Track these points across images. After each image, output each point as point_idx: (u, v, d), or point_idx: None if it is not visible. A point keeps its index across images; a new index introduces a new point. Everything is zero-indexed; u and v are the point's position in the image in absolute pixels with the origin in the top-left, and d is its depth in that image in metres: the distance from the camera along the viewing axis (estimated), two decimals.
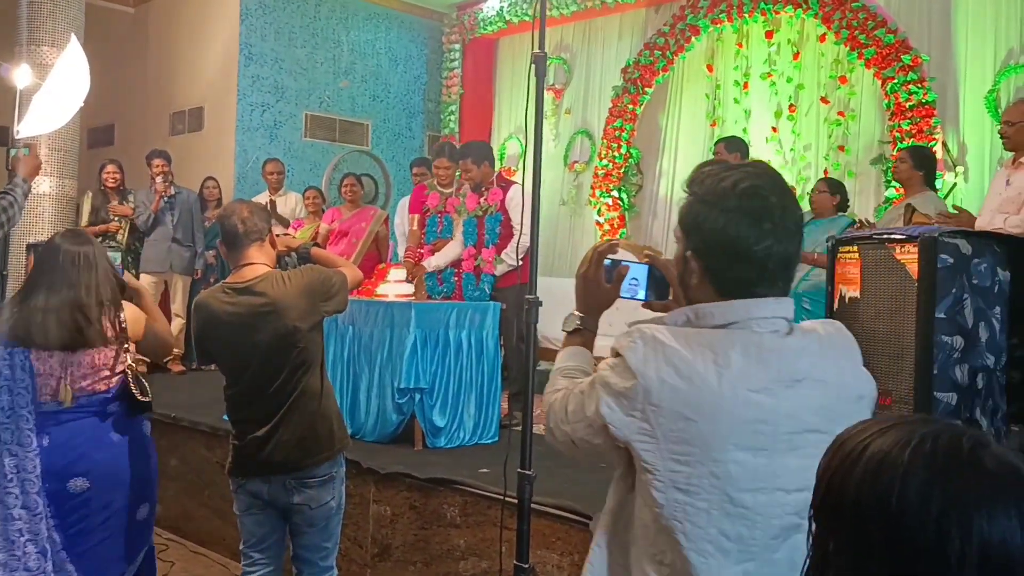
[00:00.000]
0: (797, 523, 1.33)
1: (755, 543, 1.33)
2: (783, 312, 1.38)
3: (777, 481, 1.33)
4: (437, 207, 5.73)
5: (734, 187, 1.38)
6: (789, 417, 1.33)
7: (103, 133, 10.22)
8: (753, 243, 1.35)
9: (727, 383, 1.31)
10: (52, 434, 2.63)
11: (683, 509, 1.32)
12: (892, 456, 0.89)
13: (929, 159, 5.01)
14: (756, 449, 1.31)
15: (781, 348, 1.35)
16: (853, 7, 6.46)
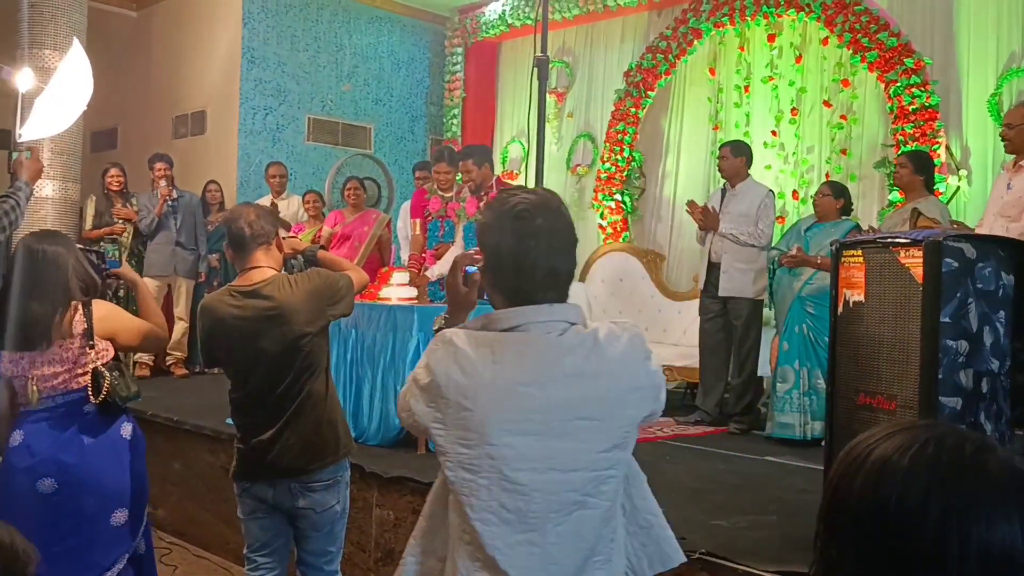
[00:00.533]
0: (578, 500, 1.56)
1: (534, 516, 1.54)
2: (559, 316, 1.59)
3: (550, 462, 1.54)
4: (438, 211, 5.73)
5: (510, 210, 1.61)
6: (558, 406, 1.54)
7: (106, 137, 10.23)
8: (523, 257, 1.58)
9: (500, 377, 1.53)
10: (25, 432, 2.63)
11: (468, 486, 1.55)
12: (894, 461, 0.89)
13: (928, 163, 5.02)
14: (527, 434, 1.53)
15: (552, 347, 1.56)
16: (856, 10, 6.46)
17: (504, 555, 1.53)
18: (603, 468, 1.59)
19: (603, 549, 1.62)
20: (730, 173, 5.62)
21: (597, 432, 1.57)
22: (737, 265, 5.46)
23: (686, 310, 6.77)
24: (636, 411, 1.63)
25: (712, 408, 5.61)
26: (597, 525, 1.59)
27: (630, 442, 1.65)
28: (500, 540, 1.53)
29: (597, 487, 1.58)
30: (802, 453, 4.76)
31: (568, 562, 1.57)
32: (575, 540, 1.56)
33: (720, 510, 3.60)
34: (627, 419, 1.62)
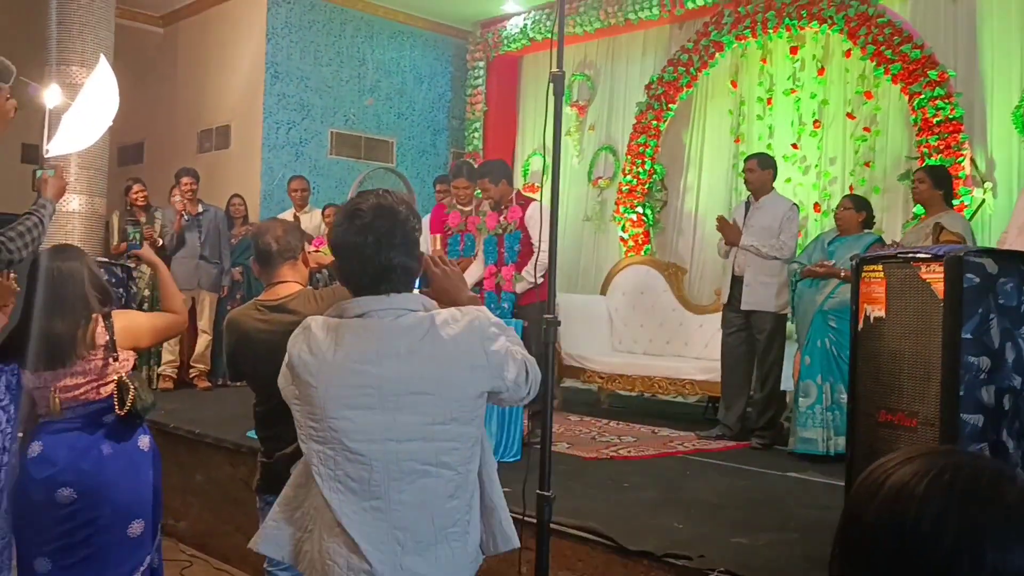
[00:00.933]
0: (419, 469, 1.70)
1: (377, 484, 1.69)
2: (398, 304, 1.76)
3: (387, 433, 1.69)
4: (458, 226, 5.74)
5: (349, 210, 1.81)
6: (392, 381, 1.69)
7: (133, 151, 10.37)
8: (357, 251, 1.76)
9: (340, 357, 1.71)
10: (45, 443, 2.65)
11: (318, 456, 1.73)
12: (911, 486, 0.90)
13: (947, 178, 4.97)
14: (364, 408, 1.69)
15: (388, 330, 1.73)
16: (879, 23, 6.42)
17: (351, 521, 1.69)
18: (442, 440, 1.73)
19: (458, 521, 1.76)
20: (757, 186, 5.59)
21: (431, 405, 1.72)
22: (760, 279, 5.42)
23: (708, 323, 6.73)
24: (473, 387, 1.76)
25: (734, 423, 5.57)
26: (443, 495, 1.73)
27: (472, 418, 1.77)
28: (347, 507, 1.70)
29: (438, 457, 1.72)
30: (825, 469, 4.70)
31: (417, 529, 1.70)
32: (420, 508, 1.70)
33: (741, 527, 3.57)
34: (463, 394, 1.75)
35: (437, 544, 1.73)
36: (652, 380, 6.53)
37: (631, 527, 3.42)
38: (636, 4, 8.04)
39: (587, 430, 5.90)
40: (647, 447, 5.32)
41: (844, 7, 6.63)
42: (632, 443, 5.44)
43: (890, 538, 0.89)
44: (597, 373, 6.84)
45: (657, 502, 3.97)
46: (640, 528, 3.44)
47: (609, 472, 4.55)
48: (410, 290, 1.81)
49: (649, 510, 3.81)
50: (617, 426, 6.10)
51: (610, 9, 8.24)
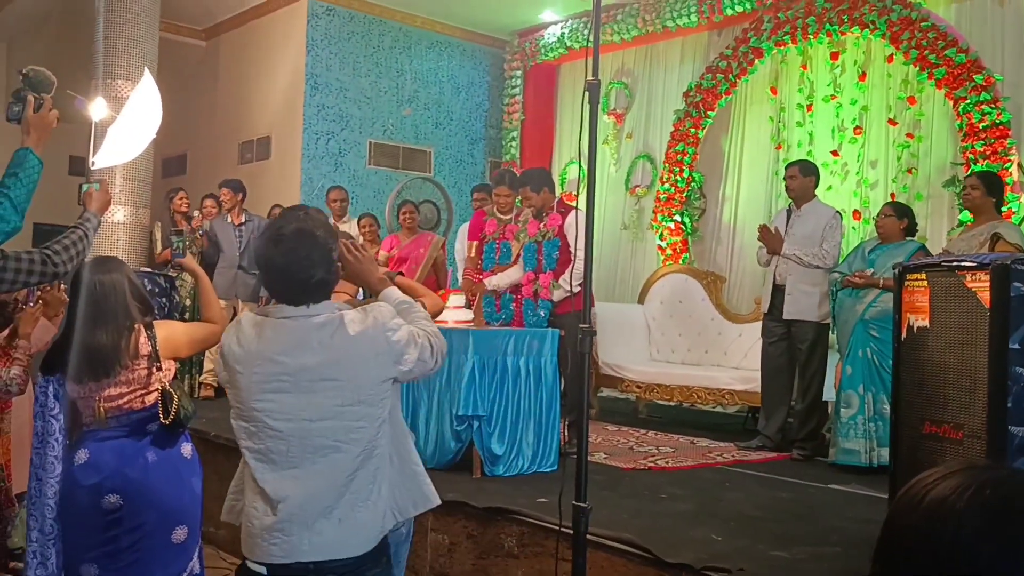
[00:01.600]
0: (330, 444, 1.98)
1: (294, 456, 1.99)
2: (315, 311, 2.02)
3: (301, 414, 1.98)
4: (495, 234, 5.74)
5: (268, 227, 2.09)
6: (305, 370, 1.98)
7: (176, 162, 10.55)
8: (280, 271, 2.02)
9: (262, 348, 2.01)
10: (91, 450, 2.70)
11: (245, 432, 2.03)
12: (950, 501, 0.91)
13: (1000, 184, 4.84)
14: (281, 392, 1.98)
15: (303, 327, 2.00)
16: (922, 27, 6.31)
17: (272, 487, 1.99)
18: (350, 420, 1.99)
19: (362, 488, 2.01)
20: (799, 193, 5.52)
21: (339, 390, 1.99)
22: (802, 288, 5.35)
23: (747, 333, 6.66)
24: (376, 373, 2.03)
25: (774, 433, 5.49)
26: (350, 467, 1.99)
27: (378, 400, 2.03)
28: (268, 475, 2.00)
29: (347, 435, 1.99)
30: (868, 481, 4.62)
31: (324, 494, 1.98)
32: (330, 478, 1.98)
33: (781, 540, 3.51)
34: (368, 379, 2.01)
35: (343, 509, 1.99)
36: (691, 390, 6.47)
37: (669, 539, 3.39)
38: (674, 11, 8.00)
39: (625, 440, 5.85)
40: (685, 458, 5.27)
41: (886, 11, 6.53)
42: (670, 453, 5.39)
43: (928, 552, 0.89)
44: (635, 382, 6.79)
45: (695, 514, 3.92)
46: (678, 540, 3.40)
47: (647, 483, 4.51)
48: (327, 299, 2.07)
49: (687, 522, 3.76)
50: (655, 436, 6.05)
51: (648, 17, 8.22)
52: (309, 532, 1.97)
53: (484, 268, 5.73)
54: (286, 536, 1.97)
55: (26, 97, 2.57)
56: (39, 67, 2.67)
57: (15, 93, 2.60)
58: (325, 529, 1.97)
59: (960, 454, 2.65)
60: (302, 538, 1.97)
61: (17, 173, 2.49)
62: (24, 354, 3.29)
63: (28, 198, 2.51)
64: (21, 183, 2.48)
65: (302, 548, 1.97)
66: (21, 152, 2.53)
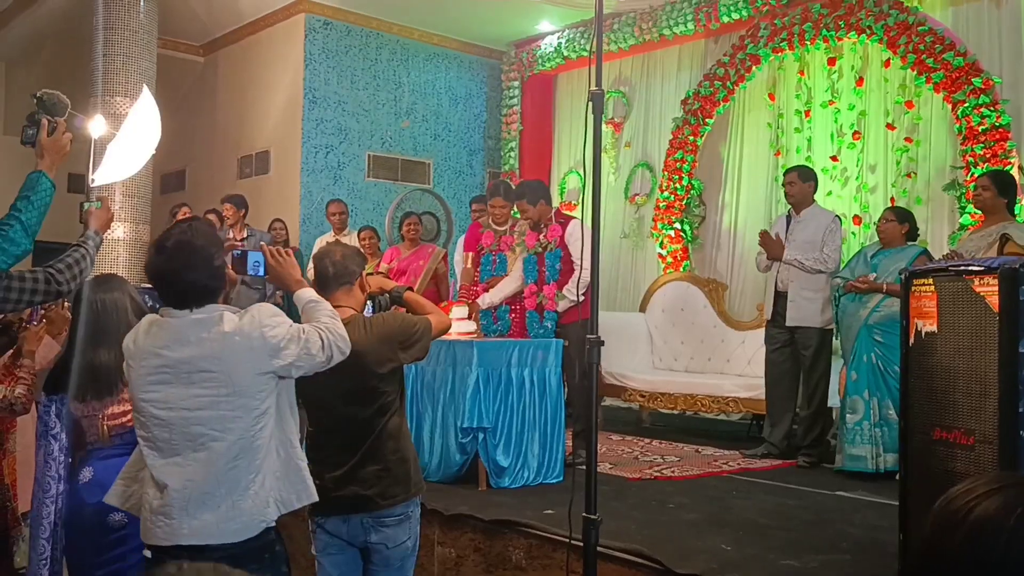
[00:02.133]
0: (207, 433, 2.12)
1: (176, 444, 2.14)
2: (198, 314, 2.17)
3: (182, 404, 2.13)
4: (491, 246, 5.73)
5: (156, 245, 2.23)
6: (185, 363, 2.13)
7: (175, 178, 10.55)
8: (162, 278, 2.20)
9: (147, 343, 2.19)
10: (96, 469, 2.69)
11: (138, 421, 2.20)
12: (997, 521, 0.90)
13: (1012, 185, 4.74)
14: (164, 383, 2.15)
15: (184, 324, 2.17)
16: (919, 31, 6.32)
17: (159, 472, 2.14)
18: (225, 410, 2.12)
19: (242, 478, 2.13)
20: (798, 199, 5.52)
21: (214, 382, 2.12)
22: (805, 294, 5.34)
23: (750, 340, 6.64)
24: (251, 366, 2.15)
25: (780, 441, 5.47)
26: (227, 457, 2.12)
27: (255, 393, 2.15)
28: (155, 461, 2.16)
29: (223, 425, 2.12)
30: (875, 487, 4.60)
31: (202, 481, 2.11)
32: (208, 465, 2.11)
33: (791, 548, 3.49)
34: (242, 372, 2.13)
35: (222, 497, 2.11)
36: (694, 398, 6.45)
37: (678, 549, 3.37)
38: (671, 20, 8.01)
39: (629, 450, 5.83)
40: (691, 466, 5.25)
41: (883, 16, 6.54)
42: (676, 463, 5.37)
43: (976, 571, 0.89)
44: (638, 391, 6.77)
45: (703, 523, 3.90)
46: (687, 550, 3.38)
47: (653, 493, 4.50)
48: (212, 302, 2.21)
49: (695, 531, 3.74)
50: (660, 445, 6.03)
51: (644, 25, 8.23)
52: (188, 517, 2.10)
53: (481, 280, 5.72)
54: (168, 520, 2.12)
55: (40, 120, 2.59)
56: (52, 90, 2.68)
57: (29, 117, 2.62)
58: (203, 515, 2.10)
59: (971, 460, 2.63)
60: (182, 522, 2.10)
61: (29, 196, 2.50)
62: (28, 373, 3.28)
63: (39, 221, 2.52)
64: (33, 206, 2.49)
65: (182, 532, 2.11)
66: (34, 175, 2.54)
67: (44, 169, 2.56)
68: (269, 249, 2.51)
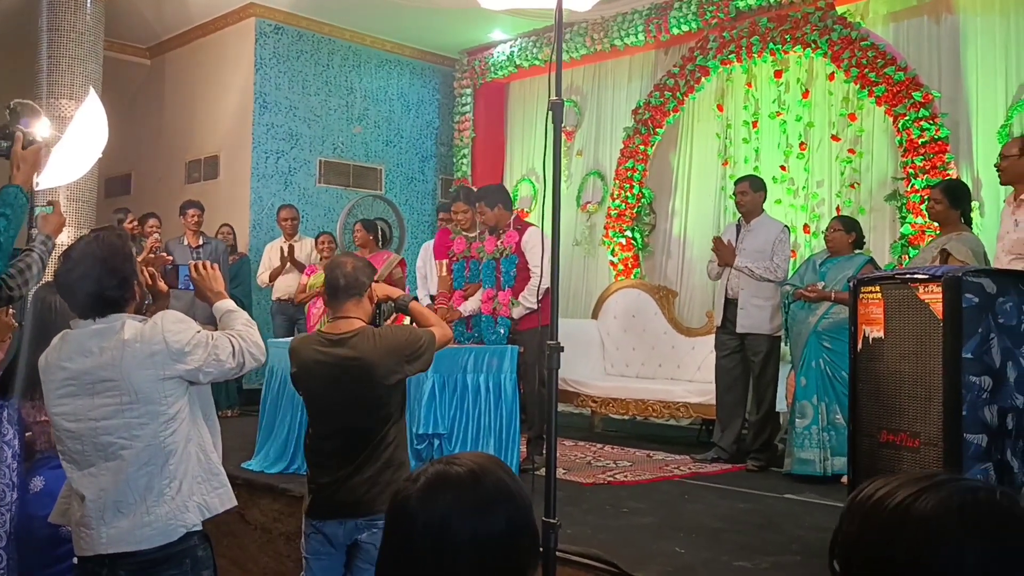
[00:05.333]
0: (116, 441, 2.13)
1: (88, 455, 2.15)
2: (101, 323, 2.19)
3: (88, 414, 2.14)
4: (463, 252, 5.71)
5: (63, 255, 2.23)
6: (85, 373, 2.14)
7: (120, 183, 10.34)
8: (67, 288, 2.21)
9: (52, 356, 2.20)
10: (47, 478, 2.64)
11: (57, 435, 2.21)
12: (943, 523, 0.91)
13: (964, 196, 4.76)
14: (69, 395, 2.15)
15: (84, 335, 2.18)
16: (862, 46, 6.50)
17: (77, 484, 2.17)
18: (132, 417, 2.13)
19: (155, 484, 2.15)
20: (749, 208, 5.62)
21: (117, 391, 2.13)
22: (755, 301, 5.44)
23: (700, 346, 6.74)
24: (153, 371, 2.16)
25: (729, 445, 5.57)
26: (137, 463, 2.14)
27: (160, 398, 2.16)
28: (74, 473, 2.18)
29: (130, 432, 2.13)
30: (822, 490, 4.71)
31: (115, 489, 2.12)
32: (119, 473, 2.13)
33: (742, 551, 3.55)
34: (144, 378, 2.14)
35: (135, 504, 2.13)
36: (646, 403, 6.53)
37: (634, 553, 3.41)
38: (621, 30, 8.11)
39: (582, 455, 5.88)
40: (643, 471, 5.31)
41: (827, 31, 6.71)
42: (628, 467, 5.42)
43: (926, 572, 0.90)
44: (590, 397, 6.83)
45: (657, 527, 3.95)
46: (642, 554, 3.43)
47: (607, 497, 4.54)
48: (118, 311, 2.21)
49: (650, 535, 3.79)
50: (612, 450, 6.09)
51: (596, 35, 8.32)
52: (105, 526, 2.12)
53: (456, 287, 5.70)
54: (87, 530, 2.14)
55: (14, 133, 2.53)
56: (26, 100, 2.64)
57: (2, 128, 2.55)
58: (118, 523, 2.12)
59: (917, 461, 2.72)
60: (99, 531, 2.13)
61: (7, 214, 2.44)
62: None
63: (14, 239, 2.47)
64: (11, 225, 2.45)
65: (100, 541, 2.14)
66: (11, 190, 2.48)
67: (20, 183, 2.51)
68: (193, 264, 2.59)
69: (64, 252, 2.23)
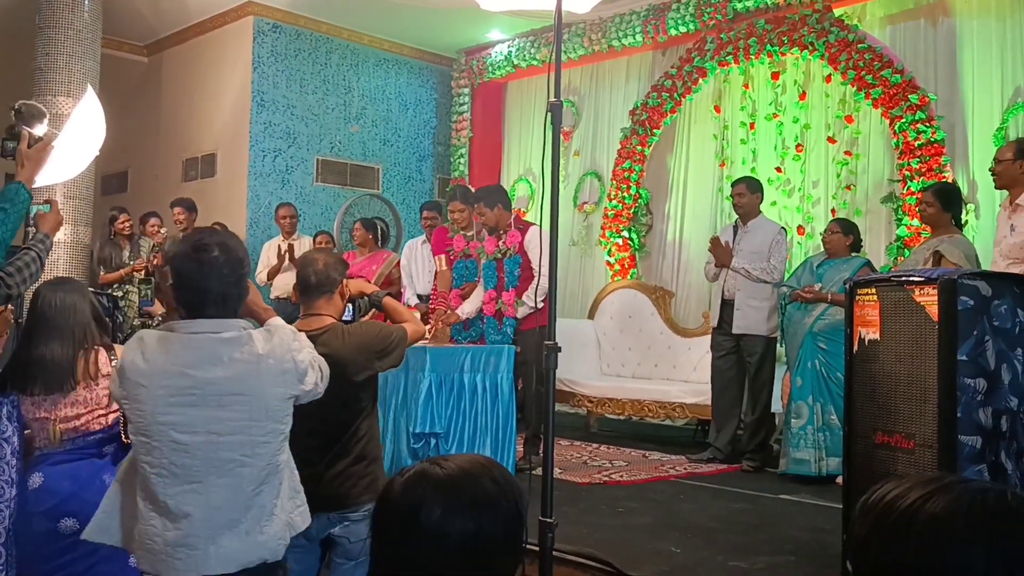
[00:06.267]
0: (236, 458, 2.01)
1: (198, 470, 2.00)
2: (220, 328, 2.07)
3: (210, 427, 2.00)
4: (463, 250, 5.71)
5: (198, 244, 2.09)
6: (215, 384, 2.00)
7: (117, 180, 10.33)
8: (199, 282, 2.06)
9: (169, 363, 2.02)
10: (45, 474, 2.66)
11: (145, 447, 2.01)
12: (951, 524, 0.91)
13: (956, 199, 4.79)
14: (189, 405, 2.00)
15: (212, 342, 2.04)
16: (859, 48, 6.52)
17: (174, 501, 1.99)
18: (257, 435, 2.03)
19: (267, 502, 2.06)
20: (746, 210, 5.64)
21: (247, 405, 2.03)
22: (751, 303, 5.46)
23: (696, 346, 6.76)
24: (282, 390, 2.09)
25: (725, 445, 5.58)
26: (255, 481, 2.04)
27: (282, 416, 2.10)
28: (171, 489, 1.99)
29: (253, 450, 2.03)
30: (817, 490, 4.73)
31: (228, 508, 2.00)
32: (234, 491, 2.01)
33: (738, 551, 3.57)
34: (274, 395, 2.06)
35: (245, 524, 2.02)
36: (642, 404, 6.54)
37: (629, 552, 3.42)
38: (619, 31, 8.12)
39: (578, 454, 5.89)
40: (639, 471, 5.32)
41: (825, 33, 6.73)
42: (624, 467, 5.44)
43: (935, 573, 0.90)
44: (586, 397, 6.84)
45: (653, 527, 3.97)
46: (638, 553, 3.44)
47: (603, 497, 4.55)
48: (236, 316, 2.13)
49: (646, 535, 3.80)
50: (608, 450, 6.10)
51: (594, 36, 8.33)
52: (215, 545, 1.99)
53: (455, 285, 5.69)
54: (191, 550, 1.99)
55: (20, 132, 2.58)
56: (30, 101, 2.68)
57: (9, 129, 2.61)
58: (231, 542, 2.01)
59: (912, 463, 2.74)
60: (207, 551, 1.99)
61: (6, 209, 2.47)
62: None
63: (14, 233, 2.50)
64: (10, 219, 2.47)
65: (208, 562, 2.01)
66: (13, 187, 2.52)
67: (23, 180, 2.54)
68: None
69: (198, 245, 2.07)
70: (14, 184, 2.52)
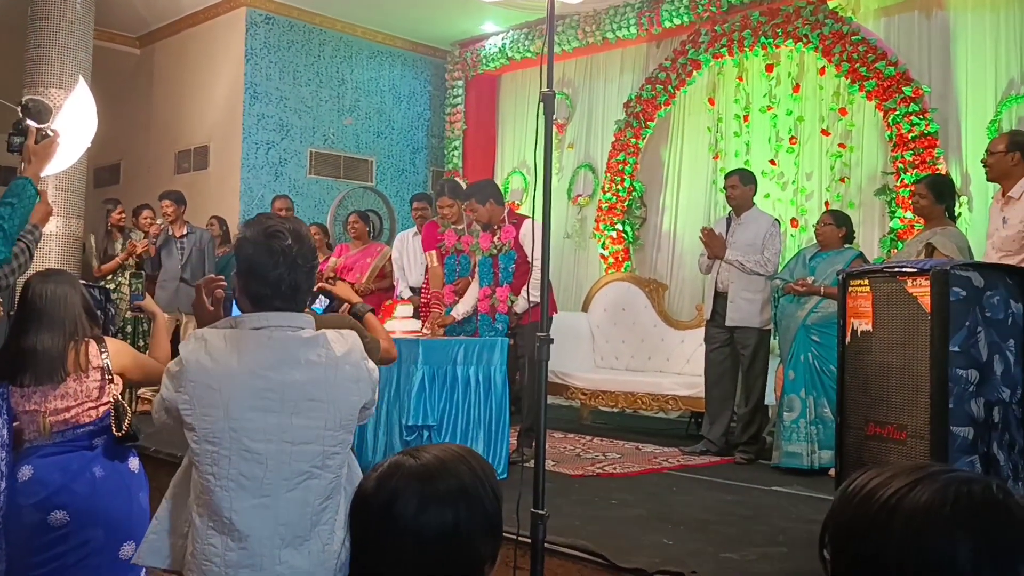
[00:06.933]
0: (307, 470, 1.82)
1: (269, 483, 1.80)
2: (292, 322, 1.89)
3: (284, 435, 1.81)
4: (454, 245, 5.67)
5: (265, 230, 1.90)
6: (291, 387, 1.82)
7: (109, 172, 10.29)
8: (272, 271, 1.87)
9: (243, 364, 1.81)
10: (35, 466, 2.64)
11: (211, 456, 1.79)
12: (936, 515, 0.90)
13: (949, 190, 4.80)
14: (265, 410, 1.80)
15: (288, 340, 1.86)
16: (853, 40, 6.52)
17: (240, 516, 1.79)
18: (330, 445, 1.85)
19: (329, 519, 1.87)
20: (740, 202, 5.63)
21: (325, 412, 1.85)
22: (744, 295, 5.45)
23: (689, 339, 6.76)
24: (357, 398, 1.90)
25: (718, 438, 5.59)
26: (322, 495, 1.85)
27: (353, 426, 1.92)
28: (238, 504, 1.79)
29: (324, 461, 1.85)
30: (810, 483, 4.73)
31: (295, 523, 1.82)
32: (302, 505, 1.82)
33: (730, 542, 3.57)
34: (349, 403, 1.88)
35: (311, 539, 1.84)
36: (635, 396, 6.55)
37: (622, 544, 3.42)
38: (614, 23, 8.11)
39: (571, 447, 5.89)
40: (632, 463, 5.33)
41: (819, 25, 6.73)
42: (617, 460, 5.44)
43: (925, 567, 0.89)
44: (580, 390, 6.85)
45: (646, 519, 3.97)
46: (631, 545, 3.44)
47: (596, 489, 4.55)
48: (303, 309, 1.98)
49: (639, 527, 3.80)
50: (601, 443, 6.10)
51: (588, 28, 8.31)
52: (280, 564, 1.81)
53: (447, 281, 5.66)
54: (255, 571, 1.81)
55: (27, 128, 2.58)
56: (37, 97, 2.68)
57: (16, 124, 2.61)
58: (295, 560, 1.83)
59: (904, 454, 2.74)
60: (273, 570, 1.81)
61: (13, 204, 2.48)
62: None
63: (20, 228, 2.49)
64: (16, 213, 2.47)
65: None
66: (20, 182, 2.53)
67: (30, 176, 2.55)
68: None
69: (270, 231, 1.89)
70: (21, 180, 2.54)
